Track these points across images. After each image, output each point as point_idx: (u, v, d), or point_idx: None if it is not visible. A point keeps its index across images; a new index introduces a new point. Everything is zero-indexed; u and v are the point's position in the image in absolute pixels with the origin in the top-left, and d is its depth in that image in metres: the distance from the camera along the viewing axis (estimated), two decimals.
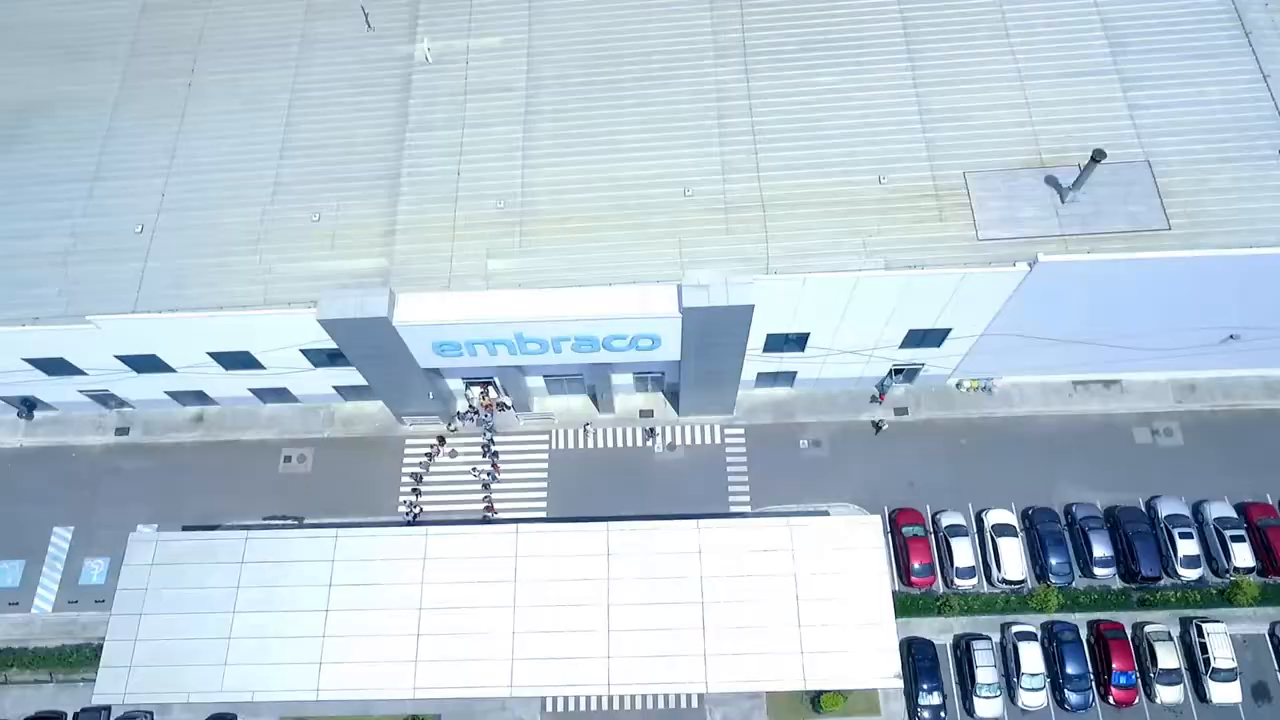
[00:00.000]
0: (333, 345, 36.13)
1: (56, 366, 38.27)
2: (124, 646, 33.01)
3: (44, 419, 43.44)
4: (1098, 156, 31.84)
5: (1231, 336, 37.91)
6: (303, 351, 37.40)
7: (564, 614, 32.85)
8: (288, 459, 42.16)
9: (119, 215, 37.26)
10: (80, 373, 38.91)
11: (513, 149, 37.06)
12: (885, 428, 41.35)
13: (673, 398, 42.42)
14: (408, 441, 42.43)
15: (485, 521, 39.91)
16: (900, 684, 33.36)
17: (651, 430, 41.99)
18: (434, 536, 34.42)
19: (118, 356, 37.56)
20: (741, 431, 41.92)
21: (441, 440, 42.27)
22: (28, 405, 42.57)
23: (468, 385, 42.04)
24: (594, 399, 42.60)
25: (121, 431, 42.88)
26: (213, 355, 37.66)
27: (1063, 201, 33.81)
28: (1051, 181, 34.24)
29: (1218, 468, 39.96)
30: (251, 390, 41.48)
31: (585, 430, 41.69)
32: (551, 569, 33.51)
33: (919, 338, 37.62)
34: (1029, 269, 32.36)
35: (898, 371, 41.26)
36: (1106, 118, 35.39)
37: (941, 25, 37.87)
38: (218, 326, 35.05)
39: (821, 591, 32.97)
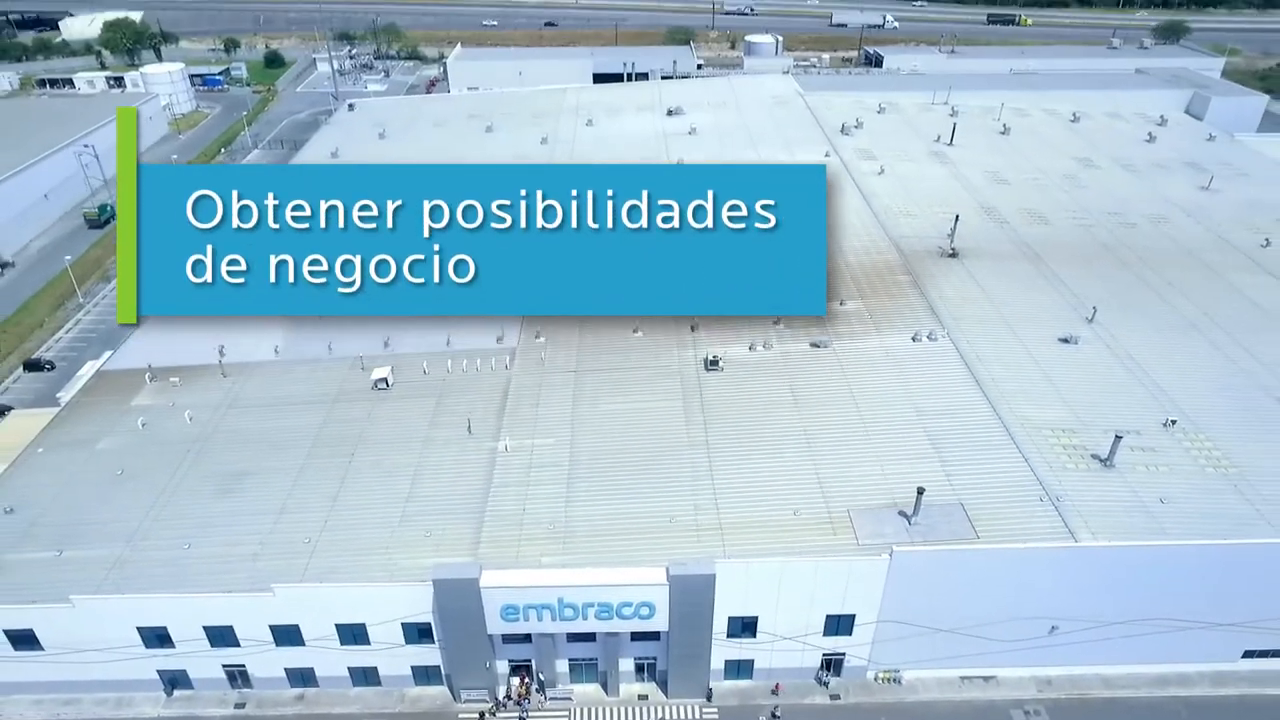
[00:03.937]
0: (426, 620, 52.26)
1: (222, 635, 53.24)
2: None
3: (180, 695, 56.16)
4: (920, 491, 52.61)
5: (1053, 627, 54.08)
6: (403, 625, 53.03)
7: None
8: None
9: (295, 534, 56.05)
10: (235, 644, 53.68)
11: (559, 497, 57.49)
12: (780, 717, 54.44)
13: (663, 685, 56.18)
14: (460, 717, 54.94)
15: None
16: None
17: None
18: None
19: (270, 626, 52.97)
20: (715, 710, 54.93)
21: (482, 717, 54.81)
22: (172, 684, 55.82)
23: (510, 671, 56.20)
24: (604, 685, 56.26)
25: (239, 706, 55.41)
26: (338, 627, 53.12)
27: (910, 524, 53.43)
28: (903, 514, 54.16)
29: None
30: (349, 669, 55.41)
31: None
32: None
33: (835, 624, 53.68)
34: (890, 557, 50.69)
35: (826, 665, 56.05)
36: (933, 480, 56.28)
37: (826, 427, 61.45)
38: (355, 595, 51.62)
39: None
